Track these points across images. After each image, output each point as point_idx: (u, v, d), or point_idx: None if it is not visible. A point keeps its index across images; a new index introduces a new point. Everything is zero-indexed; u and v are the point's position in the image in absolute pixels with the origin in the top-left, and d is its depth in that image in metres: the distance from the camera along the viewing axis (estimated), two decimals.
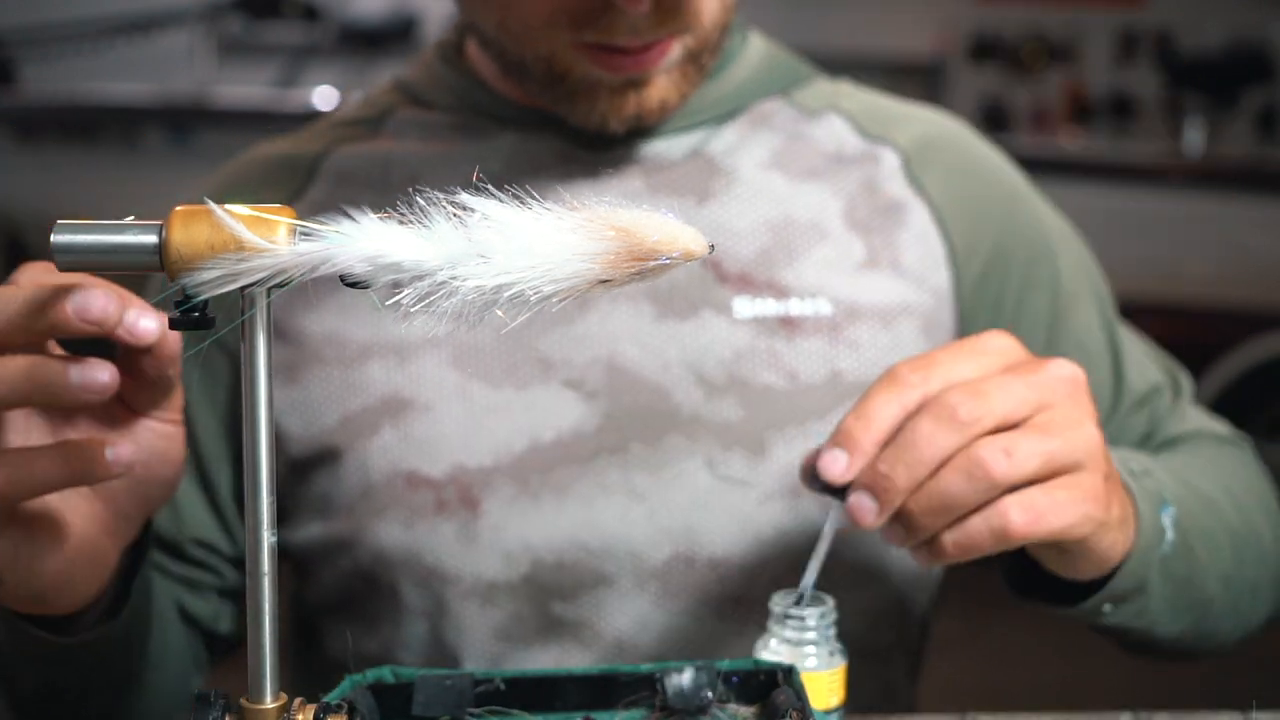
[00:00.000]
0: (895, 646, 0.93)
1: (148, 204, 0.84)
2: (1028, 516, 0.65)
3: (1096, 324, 0.95)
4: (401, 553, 0.85)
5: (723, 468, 0.85)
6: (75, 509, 0.66)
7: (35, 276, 0.62)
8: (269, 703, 0.55)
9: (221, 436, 0.90)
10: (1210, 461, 0.91)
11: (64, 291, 0.57)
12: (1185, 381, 0.99)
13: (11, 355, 0.59)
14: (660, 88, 0.84)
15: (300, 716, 0.56)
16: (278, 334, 0.88)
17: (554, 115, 0.88)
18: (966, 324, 0.92)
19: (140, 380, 0.65)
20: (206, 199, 0.51)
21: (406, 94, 0.96)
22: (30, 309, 0.58)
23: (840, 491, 0.66)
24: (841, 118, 0.95)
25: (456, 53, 0.95)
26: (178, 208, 0.51)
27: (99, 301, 0.57)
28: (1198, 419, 0.97)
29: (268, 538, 0.54)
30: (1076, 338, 0.94)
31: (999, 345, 0.69)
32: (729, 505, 0.85)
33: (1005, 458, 0.64)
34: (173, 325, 0.51)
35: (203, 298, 0.51)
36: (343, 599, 0.90)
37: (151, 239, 0.51)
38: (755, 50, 0.96)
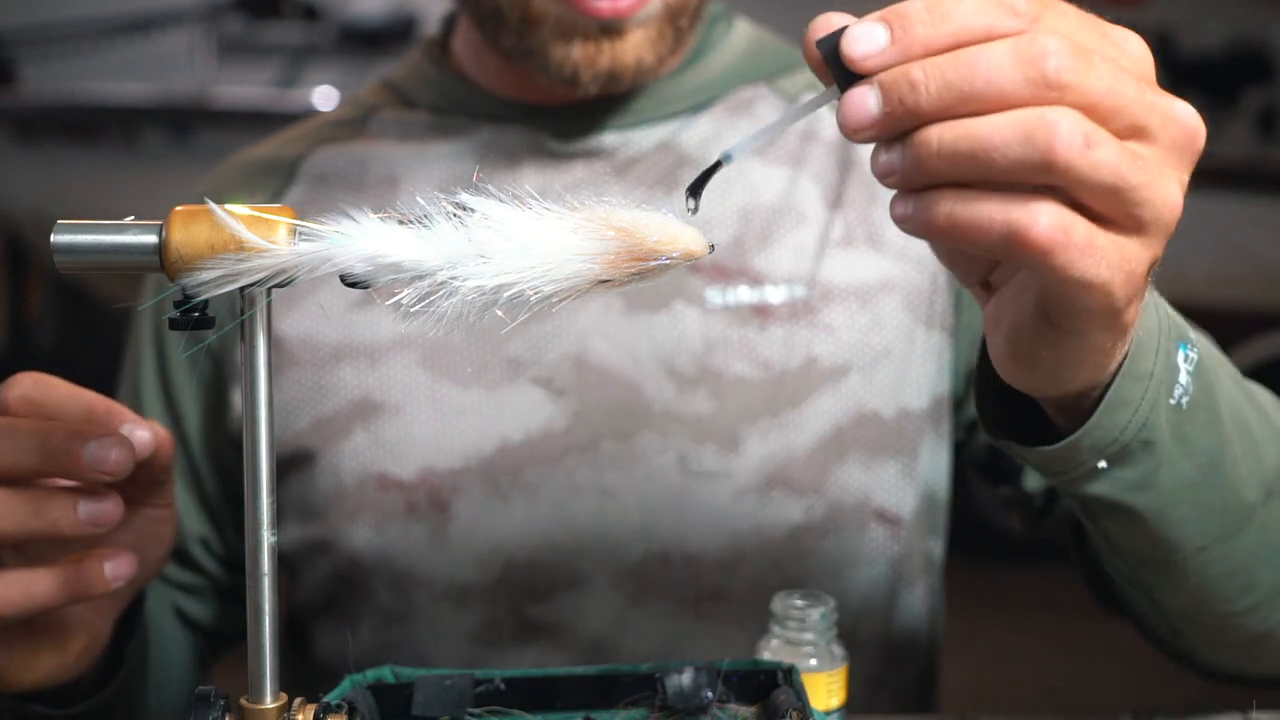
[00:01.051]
0: (884, 641, 0.92)
1: (148, 204, 0.84)
2: (1056, 237, 0.48)
3: None
4: (373, 556, 0.85)
5: (695, 463, 0.85)
6: (71, 607, 0.66)
7: (26, 392, 0.62)
8: (269, 703, 0.55)
9: (204, 434, 0.91)
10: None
11: (76, 437, 0.58)
12: None
13: (15, 489, 0.59)
14: (635, 43, 0.82)
15: (300, 716, 0.56)
16: None
17: (527, 107, 0.89)
18: (958, 295, 0.91)
19: (137, 483, 0.66)
20: (206, 199, 0.51)
21: (393, 93, 0.97)
22: (41, 450, 0.58)
23: (846, 76, 0.49)
24: None
25: (441, 50, 0.97)
26: (177, 208, 0.51)
27: (113, 455, 0.58)
28: None
29: (268, 538, 0.54)
30: None
31: (1135, 50, 0.52)
32: (702, 501, 0.85)
33: (1083, 144, 0.47)
34: (172, 325, 0.52)
35: (203, 298, 0.51)
36: (325, 601, 0.90)
37: (151, 239, 0.51)
38: (741, 36, 0.96)
